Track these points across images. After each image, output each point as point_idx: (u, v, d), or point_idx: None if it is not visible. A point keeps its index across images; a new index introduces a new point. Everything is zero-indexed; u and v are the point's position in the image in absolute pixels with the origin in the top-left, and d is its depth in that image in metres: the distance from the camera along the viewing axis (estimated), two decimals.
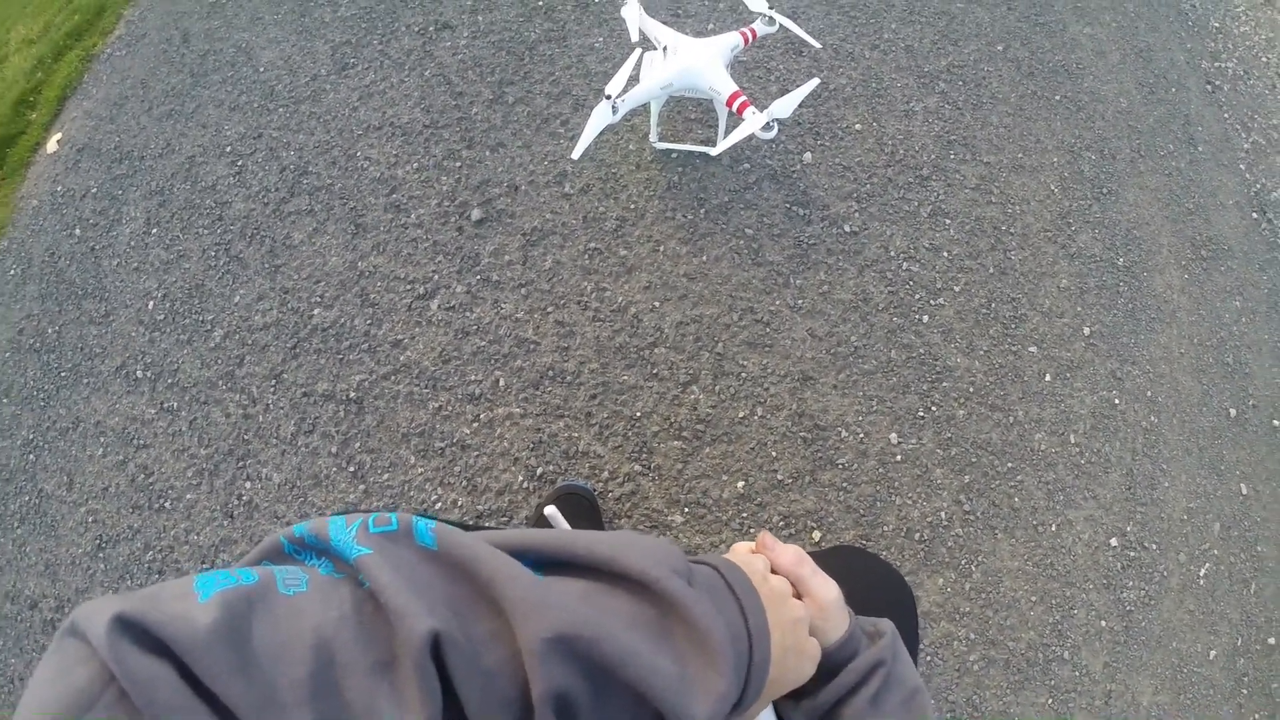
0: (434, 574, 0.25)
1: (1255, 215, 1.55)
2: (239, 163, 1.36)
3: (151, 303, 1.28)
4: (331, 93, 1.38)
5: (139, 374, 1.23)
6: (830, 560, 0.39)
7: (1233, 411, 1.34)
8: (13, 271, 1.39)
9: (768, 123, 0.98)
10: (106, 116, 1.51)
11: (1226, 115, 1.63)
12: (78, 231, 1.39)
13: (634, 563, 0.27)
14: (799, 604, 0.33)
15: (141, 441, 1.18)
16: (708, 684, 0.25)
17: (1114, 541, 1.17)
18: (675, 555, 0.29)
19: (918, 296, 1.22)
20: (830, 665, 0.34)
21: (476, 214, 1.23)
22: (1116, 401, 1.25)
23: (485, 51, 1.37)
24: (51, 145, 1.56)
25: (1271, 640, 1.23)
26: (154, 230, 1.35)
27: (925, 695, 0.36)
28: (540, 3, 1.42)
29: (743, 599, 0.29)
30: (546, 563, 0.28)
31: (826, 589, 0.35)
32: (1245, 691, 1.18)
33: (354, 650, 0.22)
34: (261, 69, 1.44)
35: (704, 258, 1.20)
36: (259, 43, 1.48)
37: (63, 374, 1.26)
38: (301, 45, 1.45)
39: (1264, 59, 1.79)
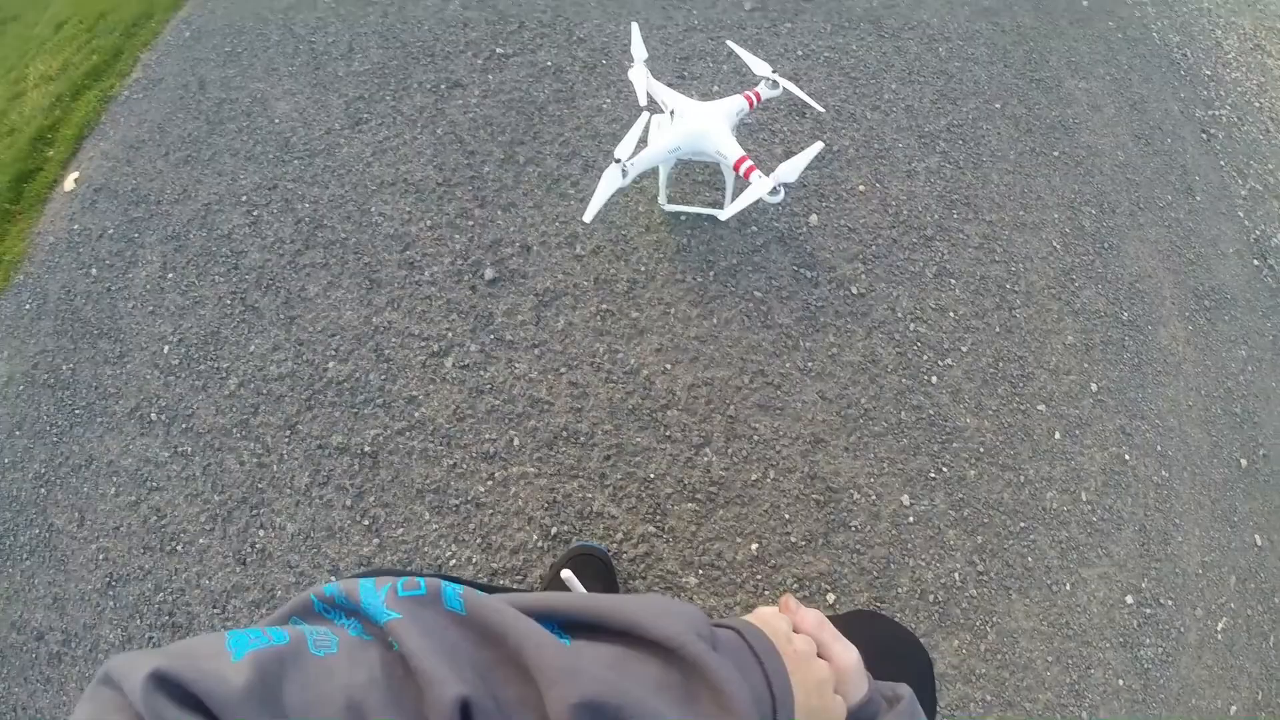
0: (462, 638, 0.25)
1: (1256, 262, 1.58)
2: (254, 213, 1.38)
3: (167, 347, 1.29)
4: (345, 147, 1.40)
5: (153, 417, 1.23)
6: (846, 625, 0.40)
7: (1244, 462, 1.34)
8: (28, 306, 1.40)
9: (774, 187, 1.00)
10: (123, 158, 1.53)
11: (1223, 163, 1.66)
12: (94, 271, 1.40)
13: (660, 628, 0.27)
14: (823, 664, 0.34)
15: (155, 484, 1.18)
16: None
17: (1129, 599, 1.17)
18: (699, 619, 0.29)
19: (925, 357, 1.23)
20: None
21: (490, 273, 1.25)
22: (1126, 457, 1.25)
23: (496, 111, 1.40)
24: (69, 183, 1.58)
25: None
26: (170, 275, 1.36)
27: None
28: (549, 63, 1.46)
29: (765, 662, 0.30)
30: (573, 626, 0.28)
31: (847, 654, 0.35)
32: None
33: (384, 713, 0.22)
34: (277, 120, 1.47)
35: (714, 320, 1.21)
36: (274, 93, 1.50)
37: (77, 411, 1.26)
38: (316, 98, 1.47)
39: (1257, 104, 1.83)
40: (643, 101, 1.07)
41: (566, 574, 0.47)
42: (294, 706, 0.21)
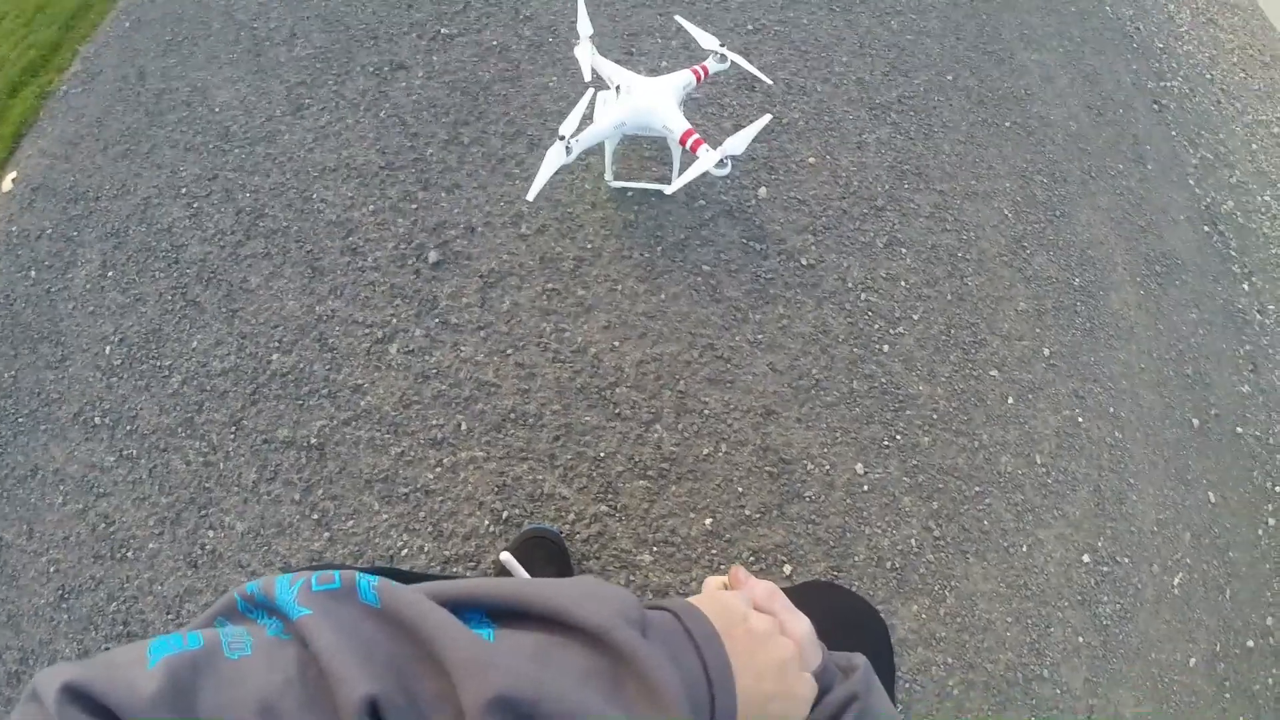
0: (377, 632, 0.25)
1: (1206, 229, 1.60)
2: (195, 205, 1.34)
3: (109, 347, 1.25)
4: (287, 134, 1.37)
5: (97, 420, 1.19)
6: (802, 596, 0.39)
7: (1195, 422, 1.36)
8: None
9: (721, 159, 0.99)
10: (62, 155, 1.48)
11: (1174, 133, 1.68)
12: (33, 273, 1.35)
13: (584, 613, 0.26)
14: (786, 643, 0.32)
15: (101, 490, 1.15)
16: None
17: (1086, 558, 1.18)
18: (629, 604, 0.28)
19: (877, 326, 1.23)
20: None
21: (433, 256, 1.23)
22: (1080, 420, 1.26)
23: (440, 92, 1.37)
24: (6, 184, 1.52)
25: (1250, 643, 1.24)
26: (110, 273, 1.32)
27: None
28: (494, 42, 1.43)
29: (702, 646, 0.28)
30: (500, 614, 0.27)
31: (797, 624, 0.34)
32: (1228, 695, 1.19)
33: (298, 716, 0.22)
34: (217, 109, 1.43)
35: (662, 296, 1.20)
36: (215, 82, 1.46)
37: (20, 420, 1.22)
38: (257, 85, 1.44)
39: (1208, 76, 1.85)
40: (588, 78, 1.06)
41: (505, 556, 0.46)
42: (207, 711, 0.21)
